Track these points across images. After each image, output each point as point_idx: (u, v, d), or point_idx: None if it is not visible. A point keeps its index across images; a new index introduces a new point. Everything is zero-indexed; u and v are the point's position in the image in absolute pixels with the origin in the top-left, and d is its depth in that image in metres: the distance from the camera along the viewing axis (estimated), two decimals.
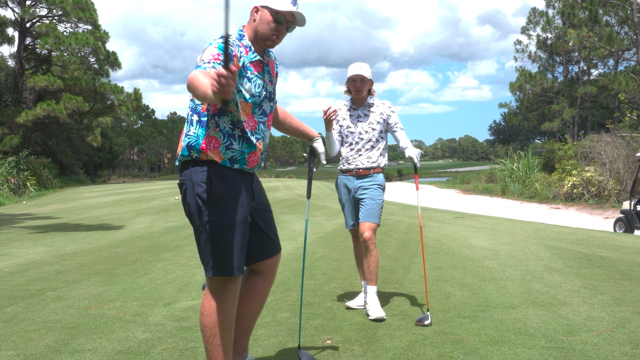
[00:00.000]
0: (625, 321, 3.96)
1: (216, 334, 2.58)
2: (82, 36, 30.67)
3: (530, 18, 37.41)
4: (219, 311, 2.59)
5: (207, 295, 2.63)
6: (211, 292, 2.62)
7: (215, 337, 2.59)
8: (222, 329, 2.60)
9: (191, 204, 2.59)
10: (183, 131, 2.69)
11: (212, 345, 2.59)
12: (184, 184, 2.62)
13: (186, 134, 2.64)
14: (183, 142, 2.64)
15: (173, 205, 15.74)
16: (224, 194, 2.58)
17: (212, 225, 2.56)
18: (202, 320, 2.62)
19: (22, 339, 3.72)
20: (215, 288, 2.62)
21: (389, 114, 4.39)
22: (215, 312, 2.58)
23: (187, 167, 2.62)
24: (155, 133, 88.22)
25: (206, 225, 2.56)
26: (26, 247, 7.97)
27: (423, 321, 3.95)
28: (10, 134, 29.01)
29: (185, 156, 2.62)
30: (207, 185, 2.54)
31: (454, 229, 9.79)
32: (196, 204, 2.57)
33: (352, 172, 4.35)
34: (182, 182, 2.63)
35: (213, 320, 2.58)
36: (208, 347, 2.61)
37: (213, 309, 2.59)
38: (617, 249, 7.24)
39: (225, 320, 2.60)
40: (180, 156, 2.66)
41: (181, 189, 2.65)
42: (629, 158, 19.99)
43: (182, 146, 2.64)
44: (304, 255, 3.76)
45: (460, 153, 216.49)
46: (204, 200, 2.55)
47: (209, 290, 2.64)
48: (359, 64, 4.28)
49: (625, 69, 30.72)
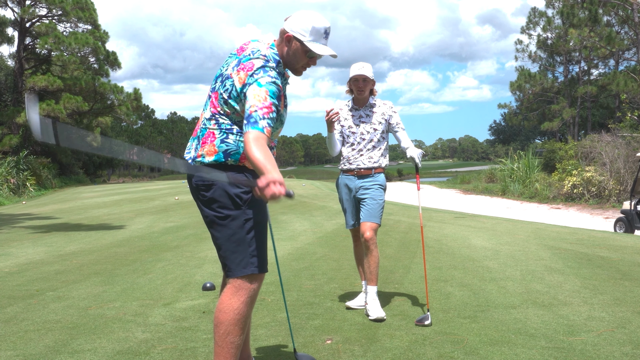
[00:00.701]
0: (626, 321, 3.95)
1: (231, 331, 2.58)
2: (81, 36, 30.67)
3: (530, 18, 37.42)
4: (240, 309, 2.59)
5: (230, 292, 2.61)
6: (240, 289, 2.61)
7: (230, 334, 2.58)
8: (238, 327, 2.59)
9: (227, 203, 2.61)
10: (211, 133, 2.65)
11: (225, 343, 2.58)
12: (214, 184, 2.61)
13: (223, 140, 2.64)
14: (218, 148, 2.63)
15: (173, 205, 15.74)
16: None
17: (252, 224, 2.63)
18: (218, 316, 2.59)
19: (21, 339, 3.72)
20: (245, 286, 2.62)
21: (391, 114, 4.39)
22: (235, 309, 2.58)
23: (216, 168, 2.62)
24: (155, 133, 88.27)
25: (246, 223, 2.62)
26: (26, 247, 7.96)
27: (423, 321, 3.94)
28: (9, 134, 29.03)
29: (220, 161, 2.64)
30: (248, 187, 2.62)
31: (454, 229, 9.78)
32: (233, 203, 2.61)
33: (354, 172, 4.35)
34: (212, 183, 2.61)
35: (231, 318, 2.57)
36: (220, 344, 2.59)
37: (234, 306, 2.58)
38: (618, 249, 7.24)
39: (242, 319, 2.60)
40: (211, 160, 2.63)
41: (207, 189, 2.63)
42: (629, 158, 19.99)
43: (216, 151, 2.64)
44: (278, 268, 3.75)
45: (460, 153, 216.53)
46: (244, 200, 2.61)
47: (235, 288, 2.61)
48: (362, 63, 4.27)
49: (625, 69, 30.73)
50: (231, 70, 2.69)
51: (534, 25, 37.24)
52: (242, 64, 2.67)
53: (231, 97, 2.63)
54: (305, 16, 2.74)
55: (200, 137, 2.70)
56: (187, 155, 2.75)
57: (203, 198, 2.66)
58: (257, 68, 2.62)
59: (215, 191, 2.61)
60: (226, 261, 2.64)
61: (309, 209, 13.99)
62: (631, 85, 27.02)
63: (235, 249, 2.62)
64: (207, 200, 2.64)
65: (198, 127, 2.78)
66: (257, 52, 2.70)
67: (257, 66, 2.62)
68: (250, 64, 2.65)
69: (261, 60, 2.66)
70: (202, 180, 2.64)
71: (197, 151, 2.69)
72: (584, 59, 35.59)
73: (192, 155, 2.71)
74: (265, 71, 2.61)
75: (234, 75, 2.65)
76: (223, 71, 2.76)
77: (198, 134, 2.74)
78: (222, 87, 2.70)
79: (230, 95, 2.64)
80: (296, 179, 41.30)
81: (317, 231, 9.49)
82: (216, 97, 2.70)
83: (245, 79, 2.61)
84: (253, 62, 2.65)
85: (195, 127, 2.82)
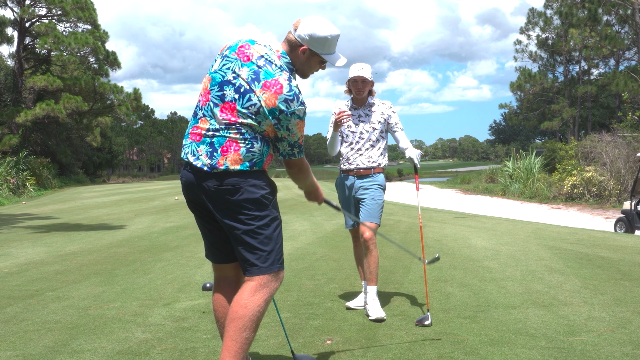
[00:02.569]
0: (626, 321, 3.95)
1: (248, 327, 2.59)
2: (81, 36, 30.63)
3: (529, 18, 37.44)
4: (262, 306, 2.63)
5: (253, 289, 2.63)
6: (267, 287, 2.66)
7: (247, 330, 2.59)
8: (256, 324, 2.62)
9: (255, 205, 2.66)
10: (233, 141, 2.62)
11: (241, 338, 2.58)
12: (240, 187, 2.63)
13: (248, 150, 2.63)
14: (244, 157, 2.62)
15: (173, 205, 15.74)
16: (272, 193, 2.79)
17: (279, 222, 2.76)
18: (238, 311, 2.59)
19: (21, 340, 3.71)
20: (271, 284, 2.68)
21: (390, 114, 4.40)
22: (258, 305, 2.61)
23: (241, 174, 2.64)
24: (155, 133, 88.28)
25: (273, 222, 2.71)
26: (26, 247, 7.96)
27: (423, 321, 3.94)
28: (9, 134, 28.98)
29: (245, 170, 2.65)
30: (270, 188, 2.75)
31: (454, 229, 9.78)
32: (262, 204, 2.68)
33: (353, 172, 4.35)
34: (239, 186, 2.63)
35: (251, 314, 2.59)
36: (235, 338, 2.58)
37: (257, 302, 2.61)
38: (618, 249, 7.23)
39: (261, 317, 2.64)
40: (236, 168, 2.62)
41: (233, 193, 2.63)
42: (630, 158, 19.98)
43: (242, 160, 2.62)
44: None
45: (460, 153, 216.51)
46: (270, 200, 2.72)
47: (260, 285, 2.64)
48: (361, 64, 4.27)
49: (625, 69, 30.71)
50: (248, 84, 2.62)
51: (533, 26, 37.25)
52: (267, 82, 2.61)
53: (259, 113, 2.61)
54: (318, 27, 2.73)
55: (217, 145, 2.62)
56: (197, 162, 2.65)
57: (229, 201, 2.64)
58: (288, 93, 2.60)
59: (243, 194, 2.63)
60: (253, 260, 2.66)
61: (309, 209, 13.99)
62: (631, 85, 26.99)
63: (264, 247, 2.67)
64: (233, 202, 2.63)
65: (199, 129, 2.68)
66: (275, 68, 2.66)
67: (286, 90, 2.60)
68: (276, 84, 2.60)
69: (285, 78, 2.63)
70: (228, 185, 2.63)
71: (217, 159, 2.62)
72: (585, 58, 35.57)
73: (209, 163, 2.63)
74: (297, 98, 2.62)
75: (259, 94, 2.60)
76: (230, 78, 2.65)
77: (210, 139, 2.64)
78: (241, 101, 2.62)
79: (256, 112, 2.61)
80: None
81: (317, 231, 9.49)
82: (234, 109, 2.62)
83: (277, 103, 2.59)
84: (279, 82, 2.61)
85: (191, 130, 2.72)
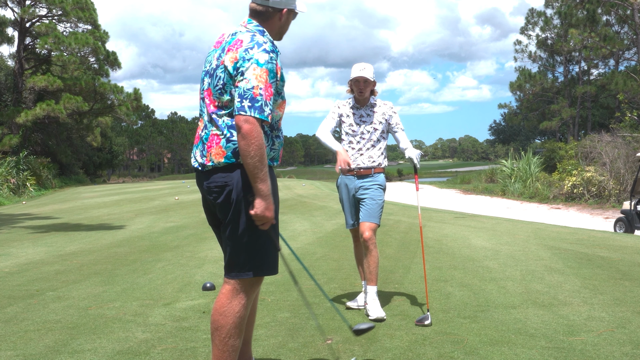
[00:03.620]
0: (626, 321, 3.95)
1: (232, 334, 2.54)
2: (81, 36, 30.64)
3: (528, 19, 37.46)
4: (241, 312, 2.56)
5: (230, 295, 2.57)
6: (244, 291, 2.58)
7: (231, 337, 2.54)
8: (239, 330, 2.57)
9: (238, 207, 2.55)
10: (214, 135, 2.59)
11: (226, 346, 2.54)
12: (227, 185, 2.56)
13: (228, 140, 2.55)
14: (226, 149, 2.56)
15: (173, 205, 15.74)
16: (275, 193, 2.64)
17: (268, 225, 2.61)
18: (218, 320, 2.54)
19: (21, 339, 3.72)
20: (246, 289, 2.59)
21: (391, 114, 4.41)
22: (237, 312, 2.55)
23: (230, 169, 2.56)
24: (155, 133, 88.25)
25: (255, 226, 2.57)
26: (26, 247, 7.96)
27: (423, 321, 3.94)
28: (9, 134, 28.99)
29: (231, 162, 2.56)
30: None
31: (454, 229, 9.79)
32: (245, 207, 2.55)
33: (353, 172, 4.36)
34: (226, 184, 2.56)
35: (232, 321, 2.54)
36: (221, 348, 2.54)
37: (235, 309, 2.55)
38: (618, 249, 7.24)
39: (242, 322, 2.57)
40: (221, 163, 2.56)
41: (221, 191, 2.57)
42: (630, 158, 19.98)
43: (224, 153, 2.55)
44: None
45: (460, 153, 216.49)
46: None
47: (236, 290, 2.57)
48: (363, 64, 4.28)
49: (625, 69, 30.71)
50: (217, 61, 2.62)
51: (533, 26, 37.28)
52: (228, 46, 2.59)
53: (226, 83, 2.54)
54: None
55: (205, 143, 2.63)
56: (195, 163, 2.69)
57: (215, 201, 2.61)
58: (248, 42, 2.54)
59: (230, 192, 2.56)
60: (233, 262, 2.60)
61: (309, 209, 13.99)
62: (630, 85, 27.00)
63: (241, 251, 2.58)
64: (222, 201, 2.59)
65: (198, 133, 2.71)
66: (239, 33, 2.63)
67: (247, 41, 2.55)
68: (237, 42, 2.57)
69: (249, 36, 2.58)
70: (216, 183, 2.58)
71: (205, 157, 2.61)
72: (584, 59, 35.58)
73: (201, 162, 2.64)
74: (259, 45, 2.53)
75: (225, 61, 2.55)
76: (207, 68, 2.68)
77: (202, 139, 2.66)
78: (213, 80, 2.61)
79: (225, 82, 2.54)
80: (296, 179, 41.31)
81: (317, 231, 9.49)
82: (210, 94, 2.62)
83: (238, 55, 2.52)
84: (240, 39, 2.58)
85: (195, 135, 2.76)
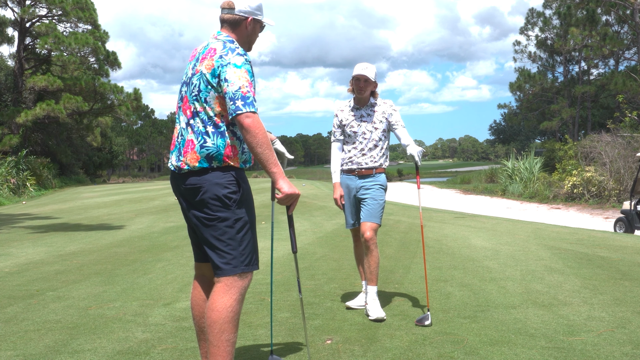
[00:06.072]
0: (626, 321, 3.96)
1: (225, 329, 2.60)
2: (81, 36, 30.64)
3: (528, 19, 37.48)
4: (233, 306, 2.62)
5: (221, 291, 2.63)
6: (233, 287, 2.64)
7: (225, 332, 2.59)
8: (232, 325, 2.62)
9: (216, 204, 2.63)
10: (189, 141, 2.67)
11: (220, 341, 2.60)
12: (201, 186, 2.64)
13: (202, 146, 2.64)
14: (200, 154, 2.64)
15: (173, 205, 15.73)
16: (249, 193, 2.74)
17: (242, 223, 2.68)
18: (211, 316, 2.61)
19: (21, 339, 3.72)
20: (237, 284, 2.65)
21: (391, 112, 4.41)
22: (228, 307, 2.61)
23: (204, 173, 2.65)
24: (155, 133, 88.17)
25: (236, 223, 2.65)
26: (26, 247, 7.96)
27: (423, 321, 3.94)
28: (9, 134, 28.98)
29: (205, 167, 2.65)
30: (236, 187, 2.67)
31: (454, 229, 9.79)
32: (223, 204, 2.63)
33: (355, 172, 4.36)
34: (200, 185, 2.64)
35: (224, 316, 2.59)
36: (215, 344, 2.60)
37: (227, 304, 2.61)
38: (618, 249, 7.24)
39: (235, 317, 2.63)
40: (195, 167, 2.65)
41: (196, 192, 2.66)
42: (629, 158, 19.98)
43: (198, 157, 2.64)
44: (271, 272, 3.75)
45: (460, 153, 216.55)
46: (234, 200, 2.65)
47: (227, 286, 2.64)
48: (366, 64, 4.29)
49: (625, 69, 30.71)
50: (192, 70, 2.74)
51: (532, 26, 37.29)
52: (202, 55, 2.71)
53: (201, 90, 2.65)
54: None
55: (181, 148, 2.72)
56: (171, 166, 2.79)
57: (192, 200, 2.68)
58: (222, 49, 2.66)
59: (204, 193, 2.64)
60: (216, 261, 2.66)
61: (309, 209, 13.99)
62: (630, 85, 26.99)
63: (226, 248, 2.65)
64: (197, 202, 2.67)
65: (174, 140, 2.79)
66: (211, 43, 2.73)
67: (220, 48, 2.67)
68: (210, 50, 2.69)
69: (220, 44, 2.69)
70: (191, 184, 2.66)
71: (180, 161, 2.70)
72: (584, 58, 35.59)
73: (176, 165, 2.72)
74: (232, 50, 2.65)
75: (201, 69, 2.67)
76: (185, 79, 2.81)
77: (178, 144, 2.75)
78: (189, 88, 2.73)
79: (199, 89, 2.66)
80: (296, 179, 41.30)
81: (317, 231, 9.50)
82: (186, 101, 2.74)
83: (214, 62, 2.63)
84: (213, 47, 2.70)
85: (172, 141, 2.84)
